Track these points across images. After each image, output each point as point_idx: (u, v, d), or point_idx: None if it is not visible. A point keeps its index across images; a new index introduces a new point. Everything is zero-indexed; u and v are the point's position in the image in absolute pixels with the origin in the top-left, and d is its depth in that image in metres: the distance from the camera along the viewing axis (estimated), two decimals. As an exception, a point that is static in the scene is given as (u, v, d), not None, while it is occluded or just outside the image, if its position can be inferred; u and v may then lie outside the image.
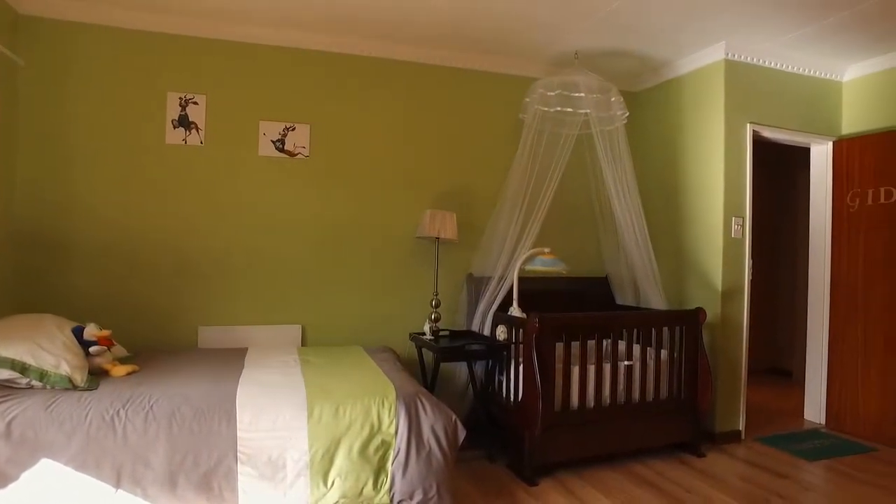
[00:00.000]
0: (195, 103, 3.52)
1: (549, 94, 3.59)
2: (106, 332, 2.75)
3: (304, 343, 3.75)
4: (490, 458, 3.39)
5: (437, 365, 3.32)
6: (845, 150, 4.12)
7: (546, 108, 3.67)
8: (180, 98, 3.50)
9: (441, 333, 3.67)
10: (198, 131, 3.53)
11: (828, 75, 4.17)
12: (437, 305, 3.63)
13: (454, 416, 2.61)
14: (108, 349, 2.74)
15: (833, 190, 4.19)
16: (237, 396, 2.42)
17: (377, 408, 2.50)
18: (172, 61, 3.52)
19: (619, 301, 4.23)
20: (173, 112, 3.49)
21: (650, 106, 4.48)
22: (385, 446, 2.48)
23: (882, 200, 3.89)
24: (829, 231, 4.21)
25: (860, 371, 3.99)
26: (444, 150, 4.07)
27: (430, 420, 2.53)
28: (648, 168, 4.43)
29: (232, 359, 3.07)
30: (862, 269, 4.00)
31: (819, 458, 3.54)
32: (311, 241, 3.78)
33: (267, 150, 3.68)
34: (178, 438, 2.27)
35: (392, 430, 2.48)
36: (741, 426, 3.91)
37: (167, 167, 3.50)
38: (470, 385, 3.61)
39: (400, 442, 2.48)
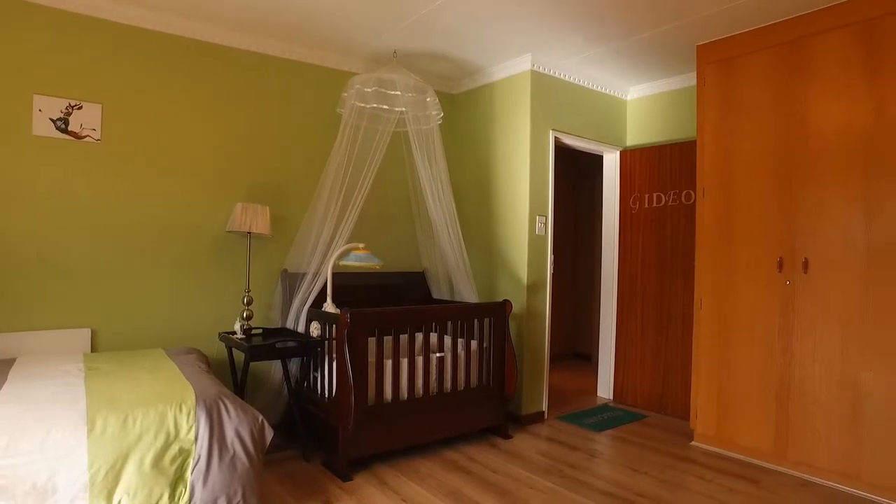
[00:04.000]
0: (-57, 68, 2.94)
1: (366, 90, 3.60)
2: None
3: (94, 349, 3.34)
4: (305, 456, 3.32)
5: (246, 364, 3.16)
6: (628, 159, 4.72)
7: (363, 104, 3.68)
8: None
9: (254, 332, 3.51)
10: (-54, 102, 2.96)
11: (616, 93, 4.74)
12: (249, 303, 3.46)
13: (260, 417, 2.51)
14: None
15: (620, 194, 4.78)
16: (-11, 418, 2.07)
17: (174, 414, 2.31)
18: None
19: (435, 295, 4.39)
20: None
21: (466, 108, 4.72)
22: (183, 454, 2.30)
23: (654, 204, 4.52)
24: (617, 230, 4.79)
25: (638, 352, 4.61)
26: (258, 141, 3.88)
27: (235, 423, 2.41)
28: (463, 167, 4.66)
29: (-10, 373, 2.62)
30: (640, 264, 4.62)
31: (605, 429, 4.03)
32: (104, 234, 3.36)
33: (44, 129, 3.20)
34: None
35: (191, 436, 2.32)
36: (544, 407, 4.29)
37: None
38: (285, 384, 3.51)
39: (200, 448, 2.32)
